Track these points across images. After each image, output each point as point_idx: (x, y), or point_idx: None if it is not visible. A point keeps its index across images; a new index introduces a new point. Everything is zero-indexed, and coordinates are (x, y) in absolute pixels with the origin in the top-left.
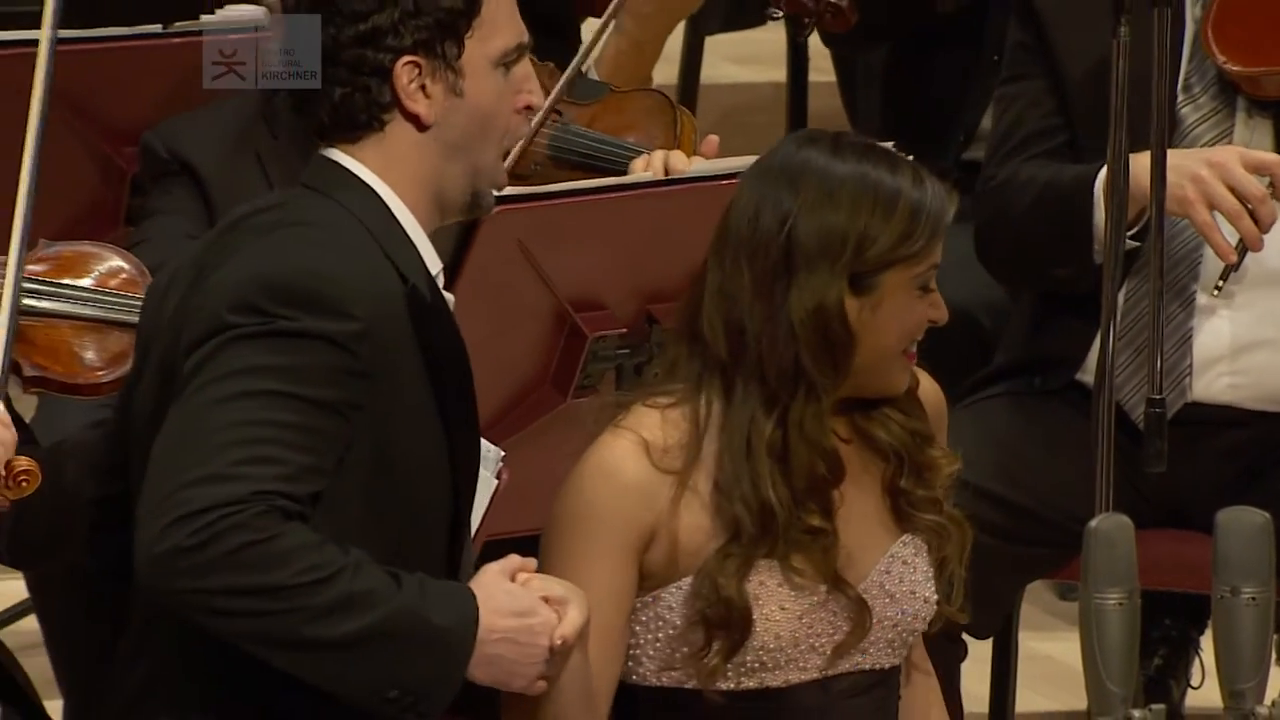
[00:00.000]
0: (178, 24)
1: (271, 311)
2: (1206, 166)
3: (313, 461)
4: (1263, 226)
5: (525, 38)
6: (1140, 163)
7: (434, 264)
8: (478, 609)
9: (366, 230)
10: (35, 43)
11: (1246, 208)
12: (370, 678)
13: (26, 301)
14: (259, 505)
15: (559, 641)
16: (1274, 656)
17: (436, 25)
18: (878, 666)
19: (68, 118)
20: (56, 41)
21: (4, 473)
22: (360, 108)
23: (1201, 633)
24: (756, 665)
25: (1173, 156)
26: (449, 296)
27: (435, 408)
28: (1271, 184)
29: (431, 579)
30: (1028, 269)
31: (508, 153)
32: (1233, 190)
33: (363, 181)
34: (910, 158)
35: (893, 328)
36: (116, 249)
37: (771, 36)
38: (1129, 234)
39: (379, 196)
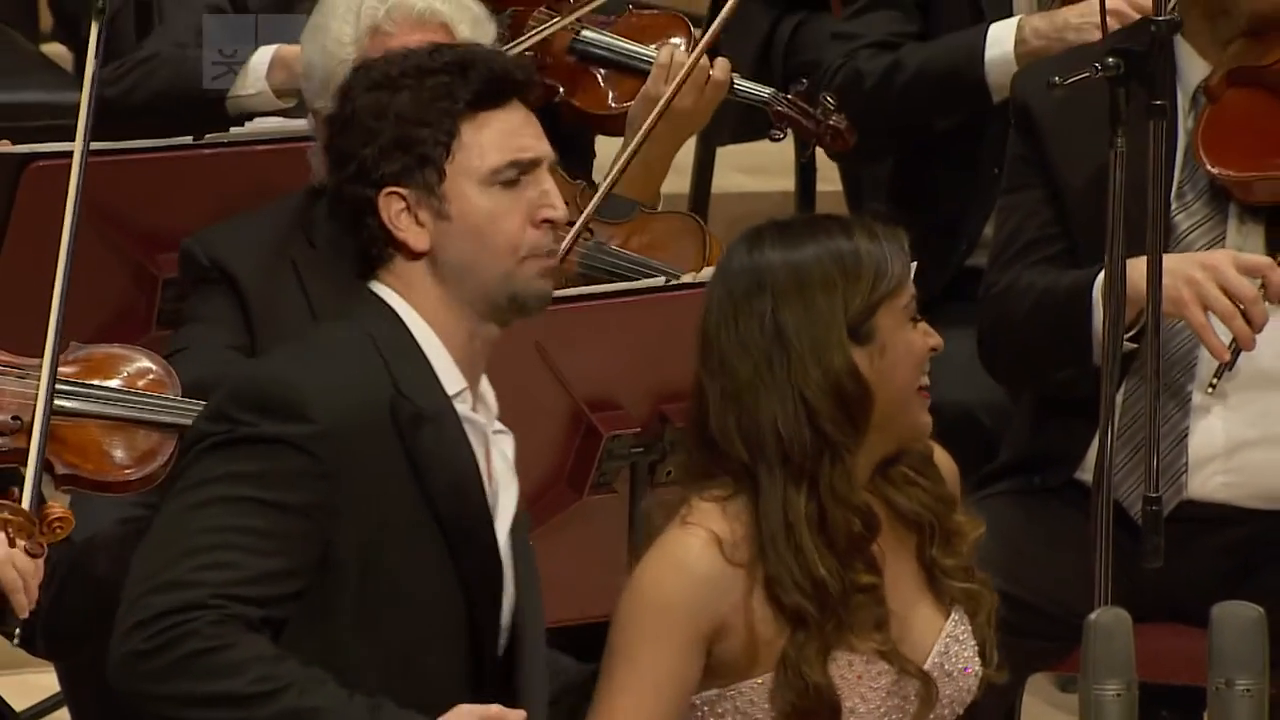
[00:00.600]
0: (208, 135)
1: (234, 417)
2: (1201, 269)
3: (277, 565)
4: (1255, 327)
5: (526, 155)
6: (1136, 267)
7: (453, 383)
8: None
9: (375, 347)
10: (70, 154)
11: (1239, 309)
12: None
13: (58, 402)
14: (212, 614)
15: None
16: None
17: (413, 156)
18: None
19: (101, 225)
20: (89, 152)
21: (39, 519)
22: (367, 242)
23: None
24: None
25: (1168, 261)
26: (474, 416)
27: (430, 516)
28: (1263, 285)
29: (391, 706)
30: (1029, 372)
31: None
32: (1226, 292)
33: (386, 304)
34: (914, 263)
35: (903, 363)
36: (144, 350)
37: (780, 148)
38: (1127, 336)
39: (399, 316)
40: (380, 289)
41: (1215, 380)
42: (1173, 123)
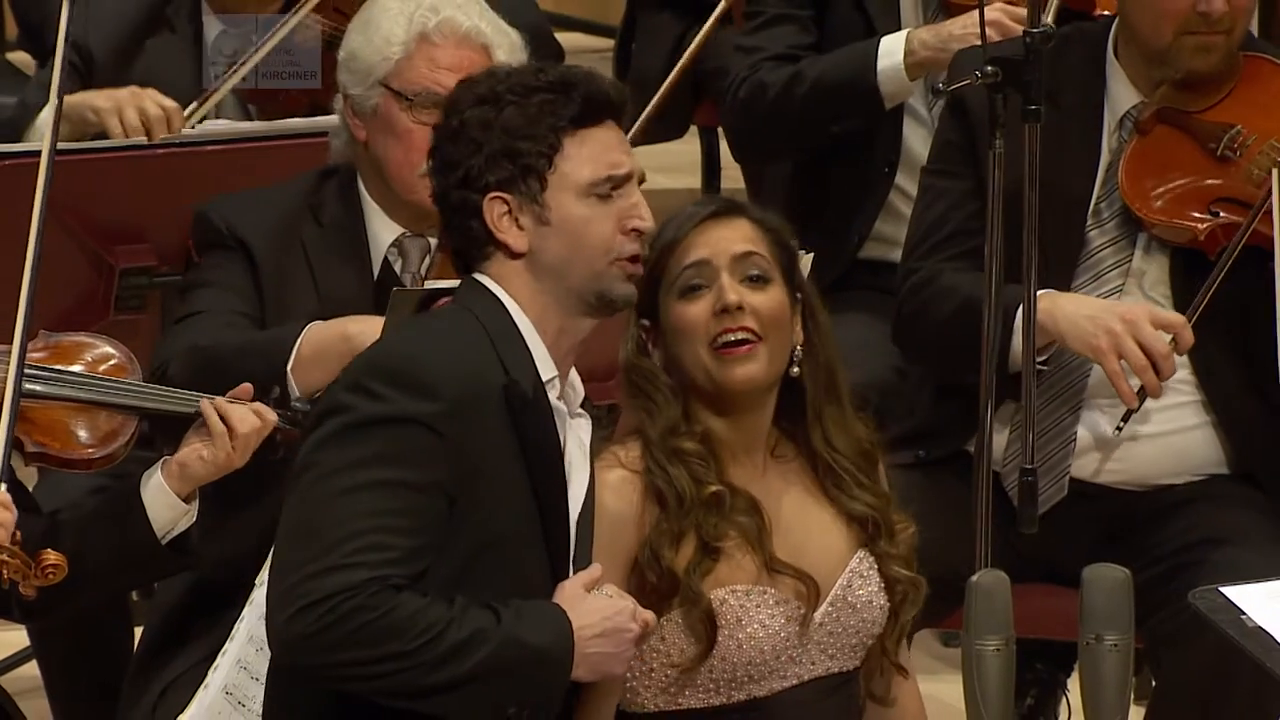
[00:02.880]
0: (163, 136)
1: (371, 389)
2: (1120, 322)
3: (419, 543)
4: (1163, 378)
5: (619, 170)
6: (1052, 305)
7: (546, 370)
8: (569, 621)
9: (485, 331)
10: (37, 153)
11: (1151, 363)
12: (492, 703)
13: (28, 386)
14: (373, 587)
15: (643, 623)
16: (1132, 696)
17: (519, 166)
18: (844, 669)
19: (63, 219)
20: (56, 152)
21: (35, 565)
22: (469, 241)
23: (1068, 675)
24: (746, 679)
25: (1089, 305)
26: (558, 403)
27: (529, 491)
28: (1174, 340)
29: (524, 603)
30: (943, 368)
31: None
32: (1141, 346)
33: (491, 292)
34: (810, 254)
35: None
36: (107, 338)
37: (687, 149)
38: (1040, 361)
39: (503, 305)
40: (485, 280)
41: (1123, 423)
42: (1095, 140)
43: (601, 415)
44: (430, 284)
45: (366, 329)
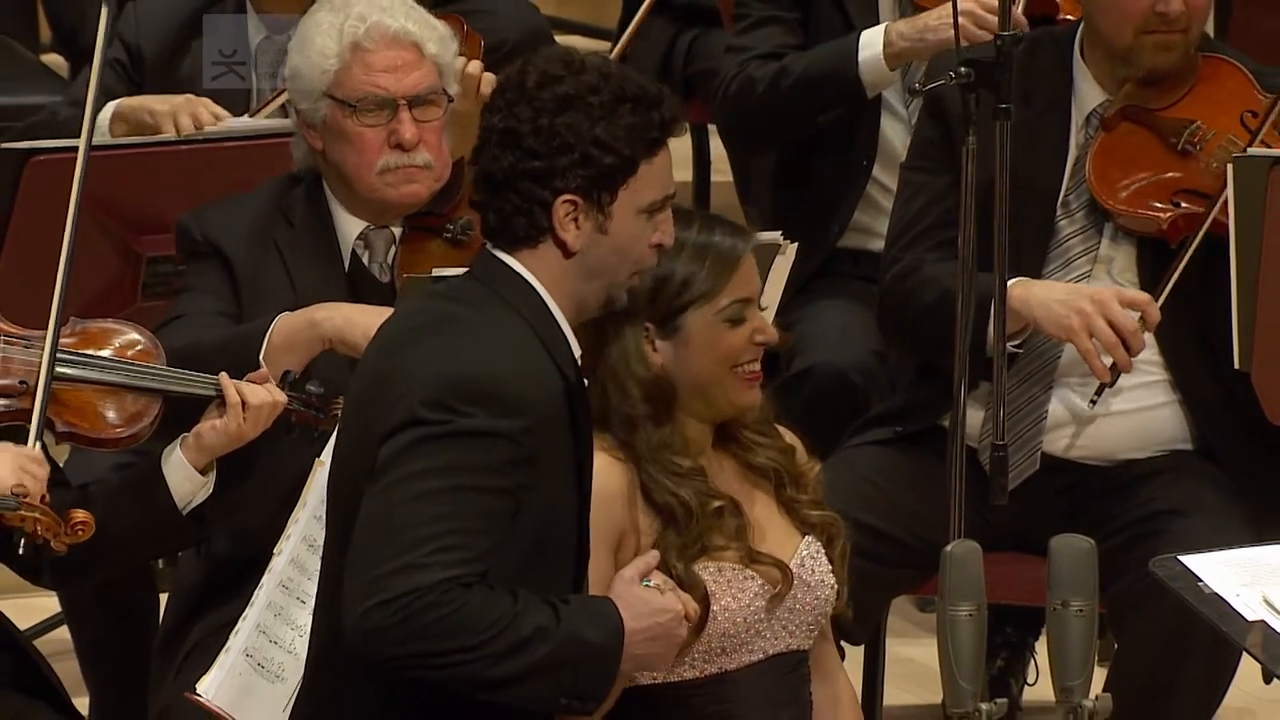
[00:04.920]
0: (188, 133)
1: (457, 409)
2: (1090, 303)
3: (490, 543)
4: (1133, 354)
5: (670, 191)
6: (1022, 290)
7: (576, 350)
8: (622, 620)
9: (530, 326)
10: (73, 150)
11: (1121, 340)
12: (548, 694)
13: (60, 369)
14: (447, 586)
15: (689, 624)
16: (1096, 658)
17: (598, 176)
18: (801, 648)
19: (93, 211)
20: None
21: (65, 522)
22: (521, 226)
23: (1037, 639)
24: (719, 651)
25: (1060, 290)
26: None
27: (575, 482)
28: (1142, 318)
29: (581, 599)
30: (924, 352)
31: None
32: (1110, 324)
33: (524, 280)
34: (794, 243)
35: (706, 354)
36: (134, 324)
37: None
38: (1013, 345)
39: (538, 294)
40: (513, 262)
41: (1096, 397)
42: (1064, 136)
43: None
44: (438, 272)
45: (333, 315)
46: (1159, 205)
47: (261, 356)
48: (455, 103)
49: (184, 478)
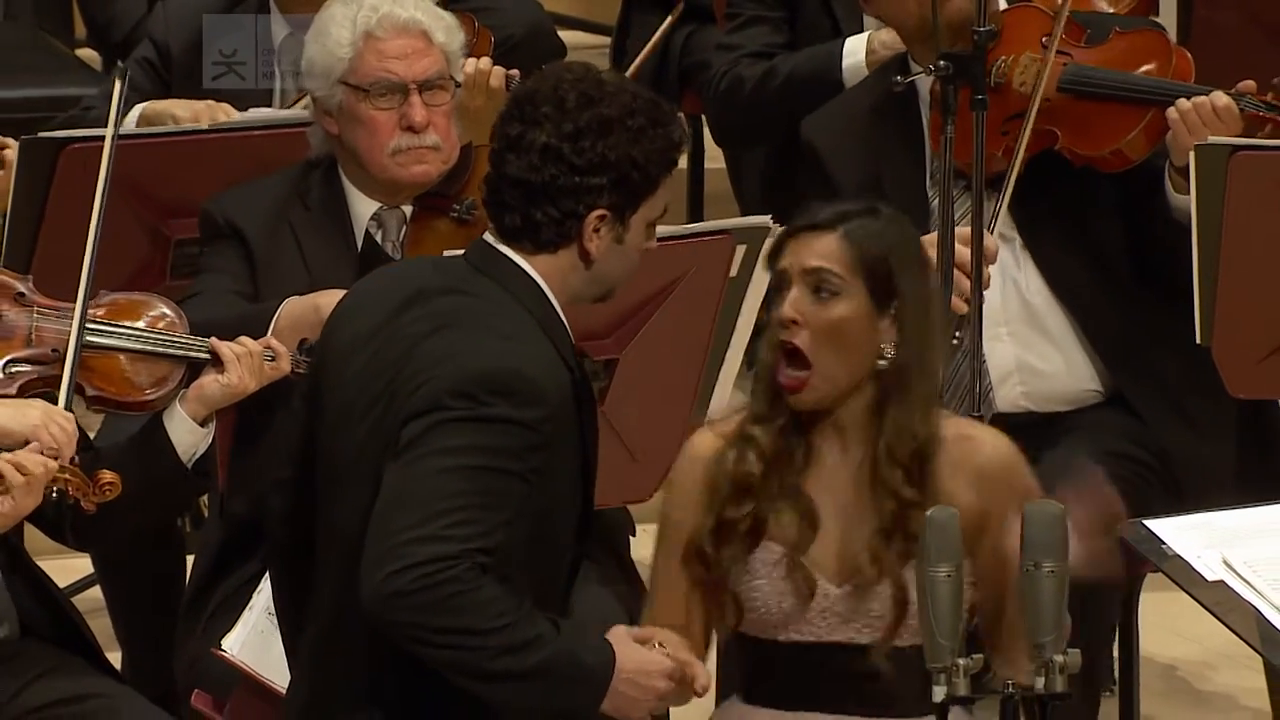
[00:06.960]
0: (214, 122)
1: (481, 399)
2: None
3: (503, 518)
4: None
5: (669, 201)
6: None
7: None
8: (614, 655)
9: (535, 321)
10: (98, 138)
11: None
12: (537, 702)
13: (89, 338)
14: (466, 561)
15: (680, 682)
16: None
17: (629, 193)
18: (857, 642)
19: (125, 196)
20: (118, 137)
21: (93, 483)
22: (548, 234)
23: None
24: (773, 625)
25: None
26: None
27: (580, 466)
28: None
29: (580, 623)
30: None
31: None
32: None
33: (531, 279)
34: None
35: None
36: (162, 298)
37: None
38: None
39: (543, 292)
40: (521, 261)
41: (958, 334)
42: (919, 123)
43: (599, 370)
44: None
45: (336, 300)
46: (995, 144)
47: (269, 337)
48: (464, 95)
49: (186, 430)
